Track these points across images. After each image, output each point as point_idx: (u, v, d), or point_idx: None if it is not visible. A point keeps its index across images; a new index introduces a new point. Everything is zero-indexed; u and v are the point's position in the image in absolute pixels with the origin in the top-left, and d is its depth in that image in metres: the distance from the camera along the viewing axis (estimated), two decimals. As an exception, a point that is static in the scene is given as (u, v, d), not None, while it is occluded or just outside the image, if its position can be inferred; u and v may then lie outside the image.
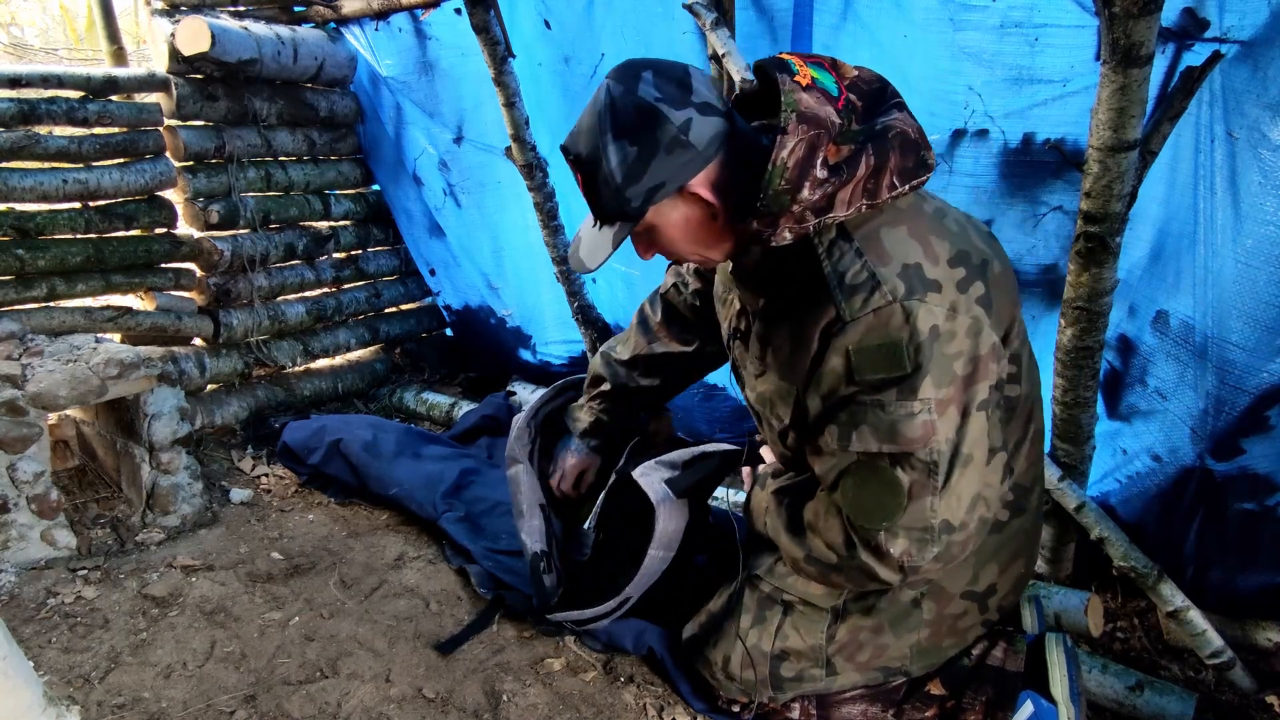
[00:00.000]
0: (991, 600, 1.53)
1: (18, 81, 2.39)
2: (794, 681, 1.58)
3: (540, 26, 2.64)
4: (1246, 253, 1.61)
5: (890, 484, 1.25)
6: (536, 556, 1.82)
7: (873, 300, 1.22)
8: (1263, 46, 1.53)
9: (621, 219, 1.29)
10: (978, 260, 1.28)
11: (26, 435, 2.04)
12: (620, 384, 1.89)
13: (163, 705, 1.63)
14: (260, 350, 3.05)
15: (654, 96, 1.21)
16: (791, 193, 1.20)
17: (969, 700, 1.57)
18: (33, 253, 2.43)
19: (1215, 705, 1.83)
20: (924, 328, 1.20)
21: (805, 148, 1.18)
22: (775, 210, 1.22)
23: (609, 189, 1.25)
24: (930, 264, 1.23)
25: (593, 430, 1.92)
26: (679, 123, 1.21)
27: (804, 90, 1.20)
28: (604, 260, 1.31)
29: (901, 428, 1.22)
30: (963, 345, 1.22)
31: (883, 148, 1.21)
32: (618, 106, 1.21)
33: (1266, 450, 1.73)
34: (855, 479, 1.28)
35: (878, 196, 1.23)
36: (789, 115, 1.18)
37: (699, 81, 1.25)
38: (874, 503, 1.26)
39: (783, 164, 1.19)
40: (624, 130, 1.21)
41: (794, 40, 2.18)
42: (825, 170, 1.20)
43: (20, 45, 8.38)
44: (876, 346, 1.22)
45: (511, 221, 3.10)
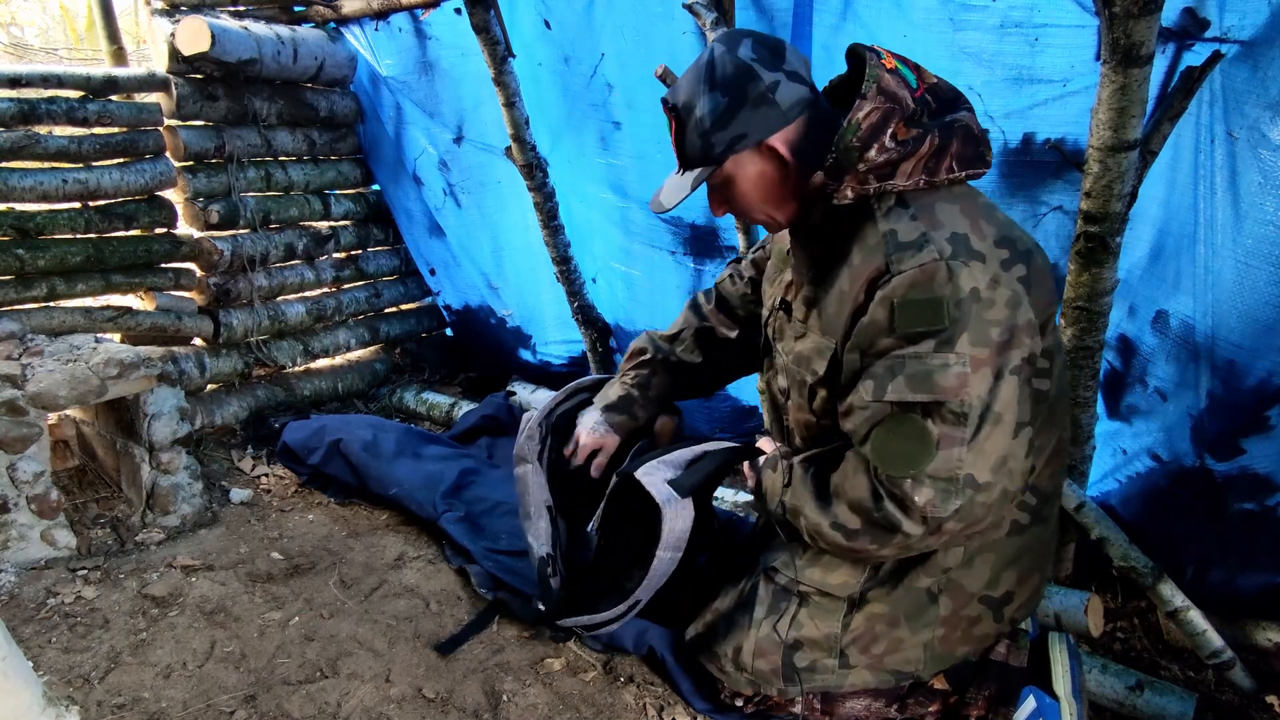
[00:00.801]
0: (1007, 609, 1.53)
1: (18, 81, 2.39)
2: (806, 672, 1.58)
3: (540, 26, 2.64)
4: (1246, 253, 1.61)
5: (920, 432, 1.29)
6: (543, 561, 1.81)
7: (920, 256, 1.29)
8: (1263, 46, 1.53)
9: (703, 163, 1.41)
10: (1023, 247, 1.35)
11: (26, 435, 2.04)
12: (662, 355, 1.89)
13: (163, 705, 1.63)
14: (260, 350, 3.05)
15: (750, 57, 1.35)
16: (860, 150, 1.31)
17: (972, 695, 1.57)
18: (33, 253, 2.43)
19: (1215, 705, 1.83)
20: (965, 287, 1.27)
21: (880, 115, 1.30)
22: (844, 165, 1.33)
23: (697, 133, 1.38)
24: (977, 238, 1.31)
25: (619, 405, 1.87)
26: (768, 82, 1.34)
27: (888, 72, 1.32)
28: (681, 200, 1.42)
29: (936, 377, 1.27)
30: (1001, 314, 1.28)
31: (947, 133, 1.33)
32: (717, 62, 1.36)
33: (1266, 450, 1.73)
34: (886, 428, 1.32)
35: (936, 174, 1.33)
36: (870, 85, 1.30)
37: (793, 55, 1.38)
38: (903, 450, 1.31)
39: (857, 124, 1.30)
40: (718, 83, 1.35)
41: (794, 40, 2.18)
42: (894, 141, 1.31)
43: (20, 45, 8.38)
44: (920, 300, 1.28)
45: (511, 221, 3.10)
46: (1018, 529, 1.48)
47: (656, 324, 2.81)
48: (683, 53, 2.31)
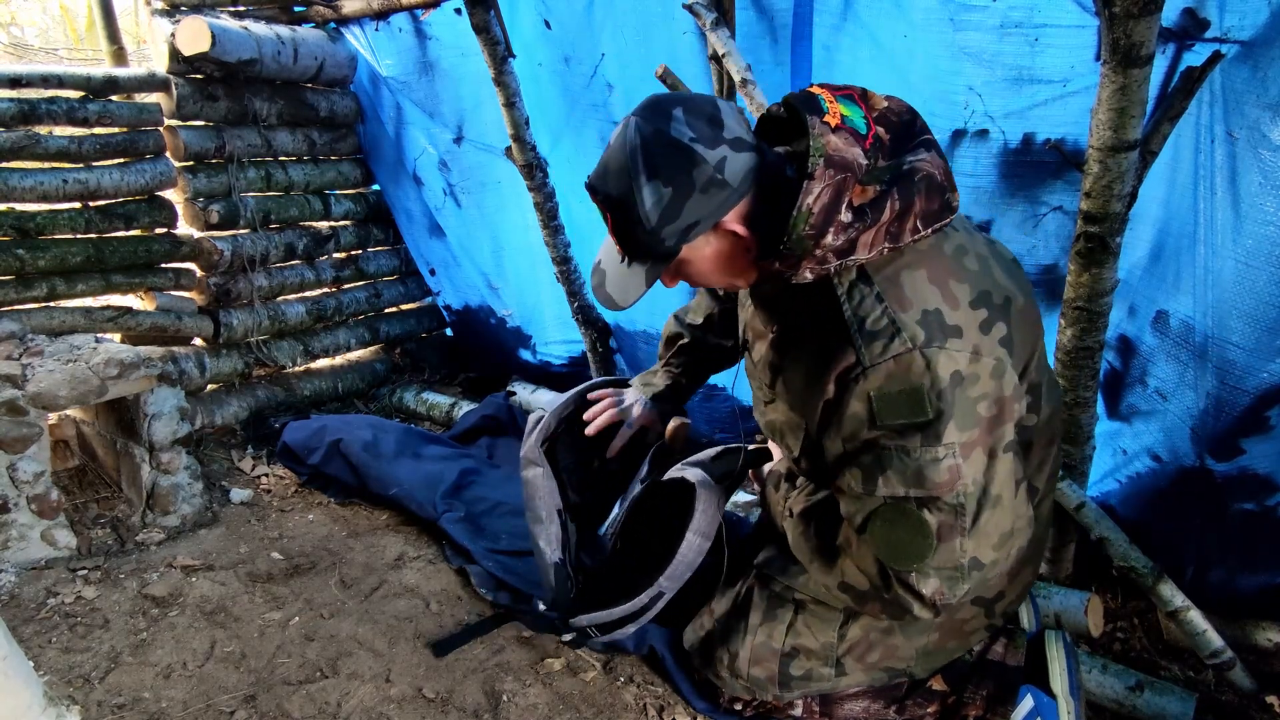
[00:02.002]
0: (999, 606, 1.54)
1: (18, 81, 2.39)
2: (802, 680, 1.58)
3: (540, 26, 2.64)
4: (1246, 253, 1.61)
5: (918, 526, 1.25)
6: (559, 566, 1.80)
7: (892, 347, 1.21)
8: (1263, 46, 1.53)
9: (655, 259, 1.28)
10: (1000, 299, 1.27)
11: (26, 435, 2.04)
12: (698, 340, 1.87)
13: (163, 705, 1.63)
14: (260, 350, 3.05)
15: (688, 136, 1.19)
16: (815, 238, 1.20)
17: (970, 695, 1.58)
18: (33, 253, 2.43)
19: (1215, 705, 1.83)
20: (945, 374, 1.19)
21: (831, 193, 1.18)
22: (798, 253, 1.22)
23: (642, 230, 1.23)
24: (950, 309, 1.22)
25: (668, 394, 1.87)
26: (714, 162, 1.19)
27: (833, 132, 1.19)
28: (637, 299, 1.32)
29: (927, 472, 1.22)
30: (987, 387, 1.22)
31: (908, 191, 1.21)
32: (650, 146, 1.19)
33: (1266, 450, 1.73)
34: (883, 522, 1.27)
35: (900, 240, 1.22)
36: (816, 161, 1.17)
37: (729, 115, 1.23)
38: (904, 545, 1.26)
39: (808, 210, 1.18)
40: (657, 171, 1.19)
41: (794, 41, 2.18)
42: (850, 214, 1.19)
43: (20, 45, 8.38)
44: (898, 392, 1.20)
45: (511, 221, 3.10)
46: None
47: (656, 324, 2.82)
48: (683, 53, 2.31)
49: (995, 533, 1.27)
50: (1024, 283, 1.37)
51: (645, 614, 1.72)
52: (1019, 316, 1.29)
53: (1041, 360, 1.39)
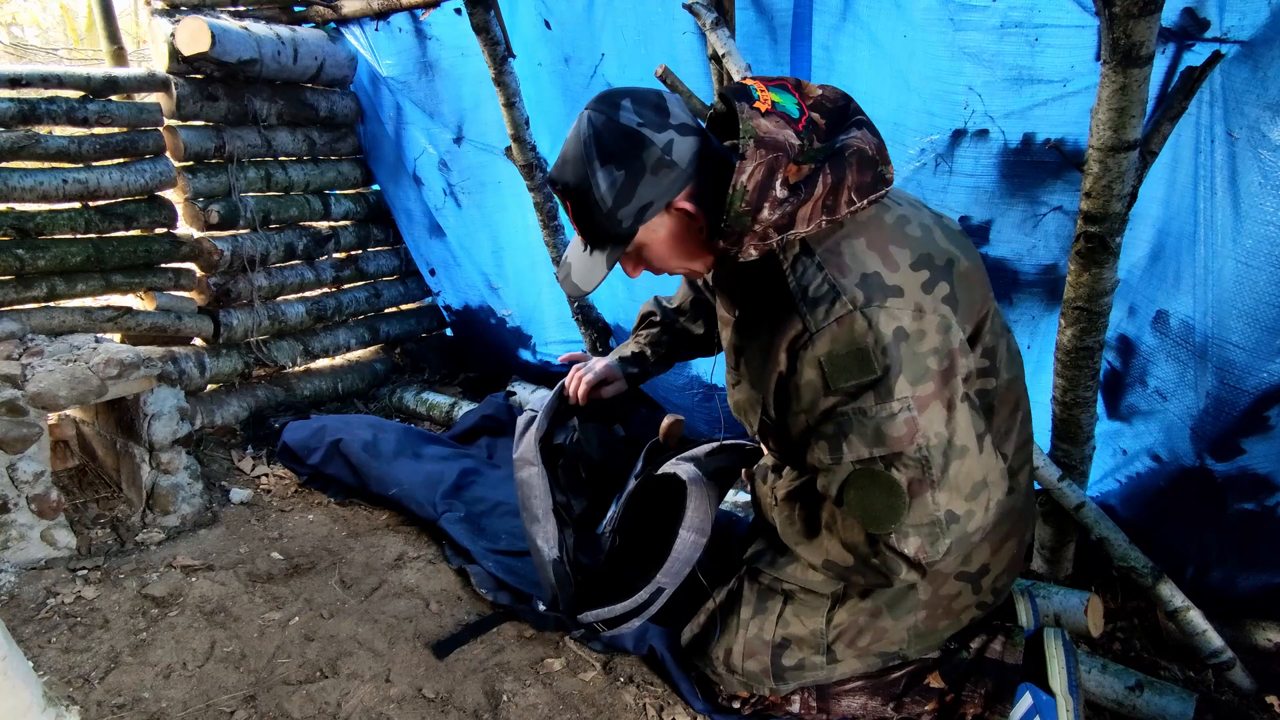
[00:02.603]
0: (985, 580, 1.55)
1: (18, 81, 2.39)
2: (795, 670, 1.59)
3: (540, 26, 2.64)
4: (1246, 253, 1.61)
5: (889, 485, 1.28)
6: (558, 563, 1.81)
7: (834, 310, 1.26)
8: (1263, 46, 1.53)
9: (613, 241, 1.35)
10: (942, 260, 1.32)
11: (26, 435, 2.04)
12: (670, 319, 1.92)
13: (163, 705, 1.63)
14: (260, 350, 3.05)
15: (635, 122, 1.27)
16: (752, 214, 1.26)
17: (968, 693, 1.58)
18: (33, 253, 2.43)
19: (1215, 705, 1.83)
20: (887, 331, 1.24)
21: (764, 171, 1.24)
22: (739, 230, 1.28)
23: (600, 213, 1.30)
24: (889, 271, 1.27)
25: (633, 359, 1.93)
26: (662, 144, 1.27)
27: (763, 116, 1.25)
28: (599, 283, 1.38)
29: (885, 429, 1.26)
30: (934, 341, 1.26)
31: (840, 165, 1.26)
32: (602, 134, 1.27)
33: (1266, 450, 1.73)
34: (856, 488, 1.31)
35: (837, 212, 1.27)
36: (746, 141, 1.24)
37: (674, 104, 1.31)
38: (879, 507, 1.30)
39: (742, 187, 1.24)
40: (610, 156, 1.27)
41: (794, 40, 2.18)
42: (785, 190, 1.25)
43: (20, 45, 8.38)
44: (845, 354, 1.25)
45: (511, 221, 3.10)
46: None
47: (656, 324, 2.82)
48: (683, 53, 2.31)
49: (966, 483, 1.30)
50: (968, 248, 1.41)
51: (647, 609, 1.73)
52: (963, 278, 1.33)
53: (995, 325, 1.42)
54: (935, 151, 1.99)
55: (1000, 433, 1.43)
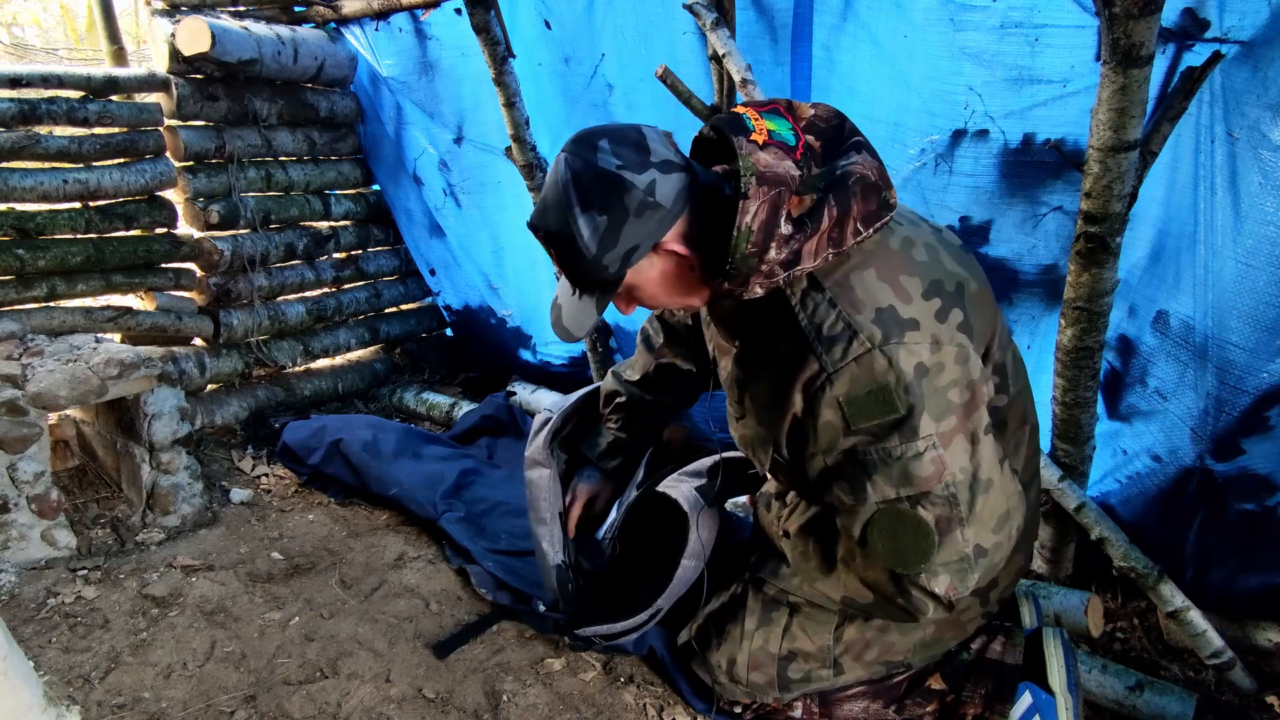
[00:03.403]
0: (993, 594, 1.55)
1: (18, 81, 2.39)
2: (801, 682, 1.59)
3: (540, 26, 2.64)
4: (1246, 253, 1.61)
5: (917, 525, 1.25)
6: (561, 569, 1.81)
7: (852, 349, 1.22)
8: (1263, 47, 1.52)
9: (601, 287, 1.30)
10: (952, 286, 1.28)
11: (27, 435, 2.04)
12: (635, 399, 1.86)
13: (163, 705, 1.63)
14: (260, 350, 3.05)
15: (615, 165, 1.21)
16: (759, 254, 1.21)
17: (968, 693, 1.58)
18: (33, 253, 2.43)
19: (1215, 705, 1.83)
20: (908, 368, 1.20)
21: (768, 209, 1.20)
22: (745, 271, 1.23)
23: (586, 260, 1.24)
24: (903, 303, 1.24)
25: (610, 451, 1.90)
26: (644, 185, 1.21)
27: (760, 149, 1.21)
28: (591, 328, 1.34)
29: (912, 469, 1.22)
30: (954, 374, 1.23)
31: (844, 196, 1.22)
32: (581, 179, 1.21)
33: (1266, 450, 1.73)
34: (881, 529, 1.27)
35: (843, 244, 1.23)
36: (748, 180, 1.19)
37: (654, 140, 1.25)
38: (908, 548, 1.26)
39: (747, 228, 1.20)
40: (590, 202, 1.21)
41: (794, 41, 2.18)
42: (790, 226, 1.21)
43: (20, 45, 8.38)
44: (866, 394, 1.22)
45: (511, 221, 3.10)
46: None
47: (656, 324, 2.82)
48: (683, 53, 2.31)
49: (992, 517, 1.27)
50: (974, 267, 1.38)
51: (645, 627, 1.75)
52: (973, 300, 1.30)
53: (1003, 340, 1.40)
54: (935, 151, 1.99)
55: (1010, 448, 1.41)
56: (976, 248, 2.04)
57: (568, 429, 1.93)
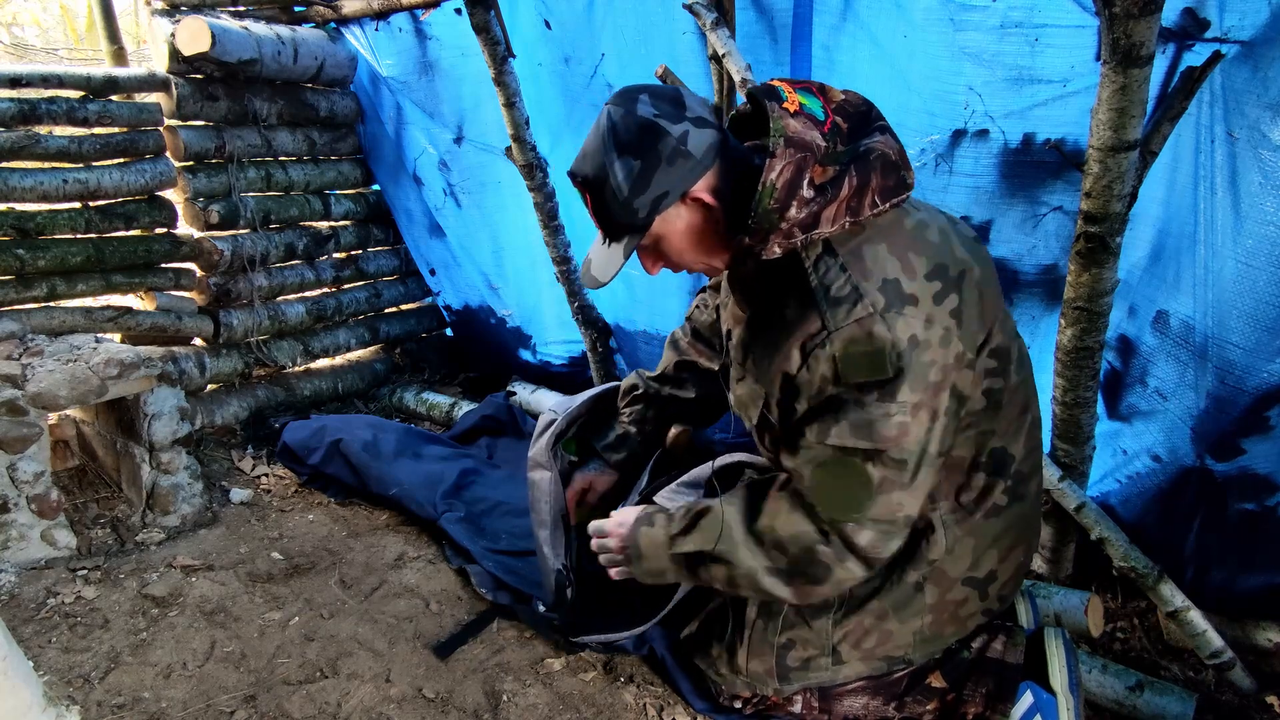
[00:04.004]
0: (992, 588, 1.55)
1: (18, 81, 2.39)
2: (800, 671, 1.59)
3: (540, 26, 2.64)
4: (1247, 253, 1.61)
5: (861, 477, 1.32)
6: (560, 574, 1.81)
7: (855, 311, 1.29)
8: (1263, 46, 1.53)
9: (630, 231, 1.37)
10: (955, 271, 1.34)
11: (26, 435, 2.04)
12: (653, 391, 1.89)
13: (163, 705, 1.63)
14: (260, 350, 3.05)
15: (652, 114, 1.31)
16: (780, 211, 1.29)
17: (969, 692, 1.58)
18: (33, 253, 2.43)
19: (1215, 705, 1.83)
20: (904, 337, 1.27)
21: (792, 170, 1.27)
22: (765, 227, 1.31)
23: (617, 203, 1.33)
24: (908, 279, 1.30)
25: (616, 444, 1.91)
26: (677, 135, 1.30)
27: (791, 116, 1.29)
28: (616, 273, 1.39)
29: (879, 426, 1.29)
30: (936, 354, 1.29)
31: (865, 168, 1.30)
32: (619, 127, 1.31)
33: (1266, 450, 1.73)
34: (828, 470, 1.34)
35: (860, 214, 1.31)
36: (777, 140, 1.27)
37: (691, 100, 1.35)
38: (845, 495, 1.34)
39: (771, 185, 1.27)
40: (627, 147, 1.31)
41: (794, 41, 2.18)
42: (812, 190, 1.29)
43: (20, 45, 8.38)
44: (861, 353, 1.28)
45: (511, 221, 3.10)
46: (995, 511, 1.49)
47: (656, 324, 2.82)
48: (683, 53, 2.31)
49: (925, 489, 1.36)
50: (982, 256, 1.44)
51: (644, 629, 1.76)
52: (974, 288, 1.36)
53: (1007, 328, 1.45)
54: (935, 151, 1.99)
55: (1009, 433, 1.45)
56: (979, 248, 2.04)
57: (572, 431, 1.93)
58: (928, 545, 1.49)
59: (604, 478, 1.92)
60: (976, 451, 1.44)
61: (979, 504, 1.47)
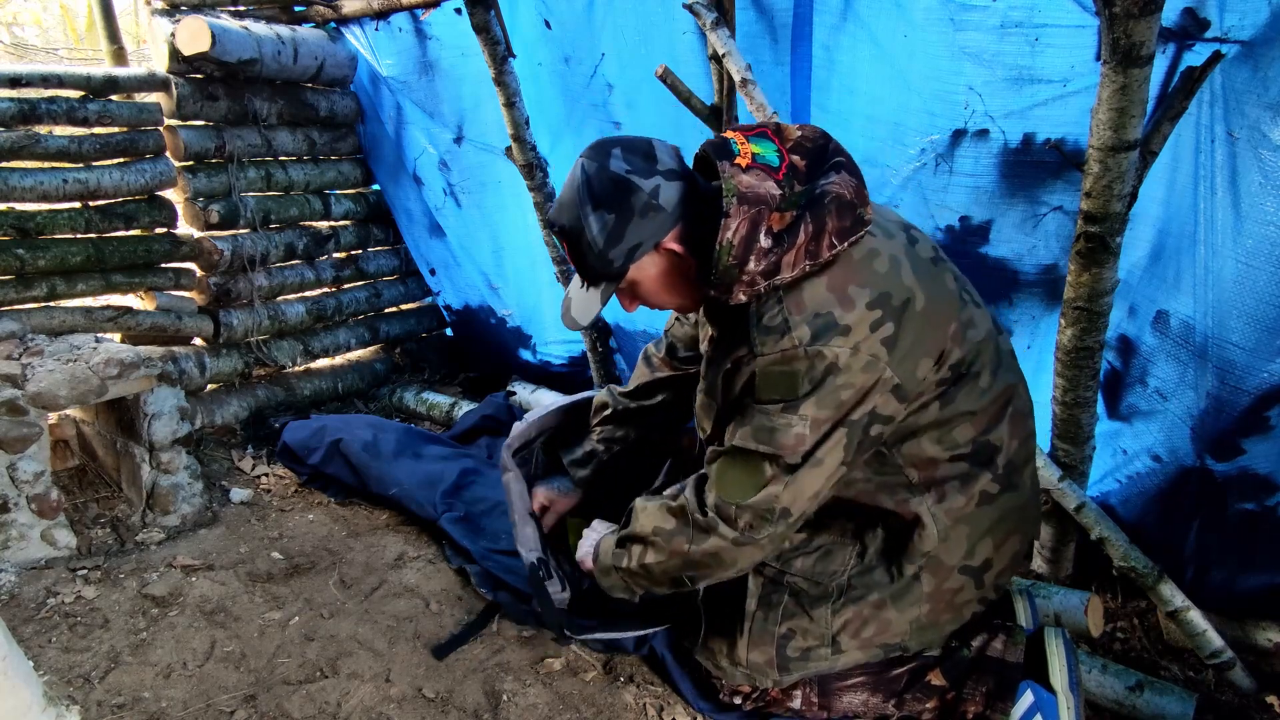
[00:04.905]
0: (987, 576, 1.56)
1: (18, 81, 2.39)
2: (800, 661, 1.59)
3: (540, 26, 2.64)
4: (1247, 253, 1.61)
5: (754, 473, 1.41)
6: (534, 567, 1.81)
7: (781, 343, 1.36)
8: (1263, 46, 1.52)
9: (606, 279, 1.47)
10: (898, 301, 1.38)
11: (27, 435, 2.04)
12: (623, 408, 1.94)
13: (162, 705, 1.63)
14: (260, 350, 3.05)
15: (624, 169, 1.39)
16: (739, 266, 1.35)
17: (969, 691, 1.58)
18: (33, 252, 2.43)
19: (1215, 705, 1.83)
20: (819, 367, 1.34)
21: (748, 225, 1.34)
22: (729, 281, 1.37)
23: (593, 253, 1.42)
24: (843, 310, 1.35)
25: (582, 460, 1.96)
26: (649, 189, 1.38)
27: (744, 172, 1.35)
28: (595, 316, 1.50)
29: (778, 435, 1.37)
30: (855, 379, 1.35)
31: (819, 213, 1.35)
32: (593, 181, 1.40)
33: (1266, 450, 1.73)
34: (727, 461, 1.45)
35: (819, 257, 1.35)
36: (730, 200, 1.34)
37: (662, 151, 1.43)
38: (735, 483, 1.43)
39: (729, 243, 1.34)
40: (601, 201, 1.39)
41: (794, 40, 2.18)
42: (770, 239, 1.34)
43: (20, 45, 8.38)
44: (778, 374, 1.37)
45: (511, 221, 3.10)
46: (987, 499, 1.51)
47: (656, 324, 2.82)
48: (683, 53, 2.31)
49: (808, 491, 1.42)
50: (935, 281, 1.45)
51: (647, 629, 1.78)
52: (918, 317, 1.39)
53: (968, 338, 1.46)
54: (935, 151, 1.99)
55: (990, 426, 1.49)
56: (976, 248, 2.04)
57: (541, 438, 1.97)
58: (920, 538, 1.51)
59: (565, 499, 1.96)
60: (951, 447, 1.47)
61: (963, 491, 1.49)
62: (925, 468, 1.48)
